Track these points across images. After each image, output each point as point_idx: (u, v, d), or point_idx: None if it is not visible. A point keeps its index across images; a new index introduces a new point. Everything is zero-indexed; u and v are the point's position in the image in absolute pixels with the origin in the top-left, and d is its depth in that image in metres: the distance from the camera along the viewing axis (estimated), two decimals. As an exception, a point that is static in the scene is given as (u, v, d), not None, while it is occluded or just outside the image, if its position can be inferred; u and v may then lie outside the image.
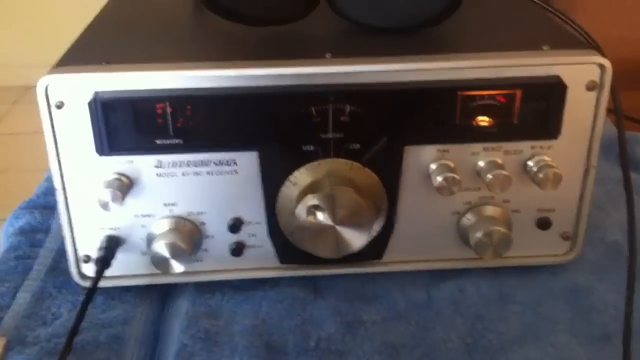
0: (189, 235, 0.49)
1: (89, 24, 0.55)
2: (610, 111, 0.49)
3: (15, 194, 0.69)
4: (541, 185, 0.48)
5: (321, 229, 0.47)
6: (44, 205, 0.63)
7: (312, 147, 0.48)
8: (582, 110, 0.48)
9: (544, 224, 0.52)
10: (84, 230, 0.50)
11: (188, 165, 0.48)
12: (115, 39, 0.52)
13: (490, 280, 0.53)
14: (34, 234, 0.59)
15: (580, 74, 0.47)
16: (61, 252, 0.55)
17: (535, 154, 0.49)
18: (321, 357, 0.47)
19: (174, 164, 0.48)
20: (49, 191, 0.63)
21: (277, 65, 0.46)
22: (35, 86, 0.45)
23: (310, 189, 0.48)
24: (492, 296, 0.52)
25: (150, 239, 0.49)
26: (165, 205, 0.49)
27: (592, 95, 0.48)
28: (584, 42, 0.49)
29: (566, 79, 0.47)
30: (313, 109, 0.46)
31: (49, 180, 0.62)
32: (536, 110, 0.48)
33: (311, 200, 0.46)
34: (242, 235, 0.51)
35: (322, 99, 0.46)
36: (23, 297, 0.52)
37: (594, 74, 0.47)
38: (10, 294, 0.52)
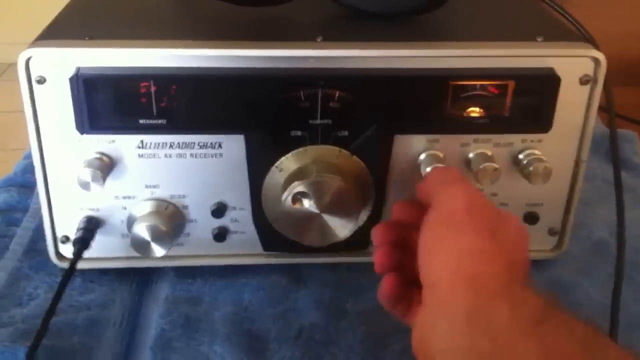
0: (171, 219, 0.48)
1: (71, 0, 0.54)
2: (601, 108, 0.48)
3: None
4: (530, 179, 0.48)
5: (307, 216, 0.46)
6: (22, 184, 0.61)
7: (299, 133, 0.47)
8: (575, 105, 0.48)
9: (531, 218, 0.52)
10: (63, 210, 0.49)
11: (171, 146, 0.47)
12: (100, 14, 0.51)
13: (475, 274, 0.53)
14: (11, 213, 0.58)
15: (574, 67, 0.46)
16: (39, 232, 0.54)
17: (526, 147, 0.48)
18: (304, 346, 0.46)
19: (157, 145, 0.47)
20: (28, 169, 0.61)
21: (266, 47, 0.44)
22: (16, 63, 0.43)
23: (296, 176, 0.47)
24: (477, 289, 0.51)
25: (130, 221, 0.48)
26: (147, 187, 0.48)
27: (586, 89, 0.47)
28: (579, 35, 0.48)
29: (560, 72, 0.46)
30: (302, 93, 0.45)
31: (29, 157, 0.61)
32: (528, 102, 0.47)
33: (297, 187, 0.45)
34: (226, 221, 0.50)
35: (311, 83, 0.45)
36: (-1, 277, 0.51)
37: (588, 68, 0.46)
38: (-15, 274, 0.51)
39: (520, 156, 0.48)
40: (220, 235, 0.51)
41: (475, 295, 0.32)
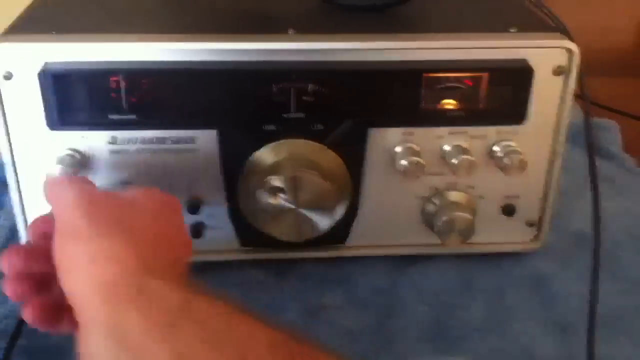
0: (145, 215, 0.48)
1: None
2: (578, 97, 0.48)
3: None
4: (506, 171, 0.48)
5: (283, 211, 0.46)
6: (-3, 181, 0.60)
7: (273, 127, 0.46)
8: (549, 95, 0.47)
9: (509, 210, 0.51)
10: (36, 208, 0.48)
11: (144, 142, 0.46)
12: (69, 8, 0.50)
13: (454, 267, 0.53)
14: (-14, 211, 0.57)
15: (548, 58, 0.46)
16: (14, 230, 0.53)
17: (501, 139, 0.48)
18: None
19: (129, 141, 0.46)
20: (1, 165, 0.60)
21: (238, 39, 0.44)
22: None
23: (271, 170, 0.46)
24: (456, 283, 0.51)
25: (104, 219, 0.48)
26: (120, 183, 0.48)
27: (559, 80, 0.47)
28: (553, 26, 0.48)
29: (533, 63, 0.46)
30: (274, 87, 0.45)
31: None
32: (502, 94, 0.47)
33: (273, 181, 0.45)
34: (202, 216, 0.50)
35: (284, 76, 0.45)
36: (-28, 277, 0.50)
37: (561, 59, 0.46)
38: (-41, 273, 0.50)
39: (496, 148, 0.48)
40: (197, 230, 0.50)
41: (109, 304, 0.30)
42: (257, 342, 0.30)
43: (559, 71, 0.46)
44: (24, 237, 0.49)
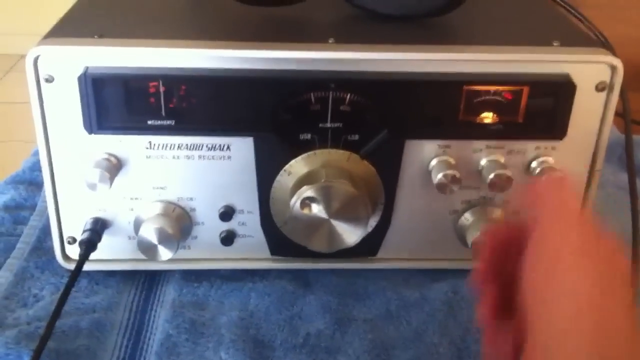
0: (178, 221, 0.48)
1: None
2: (616, 114, 0.47)
3: (5, 166, 0.67)
4: (544, 187, 0.47)
5: (315, 221, 0.46)
6: (30, 181, 0.61)
7: (309, 136, 0.46)
8: (590, 112, 0.47)
9: (544, 227, 0.50)
10: (70, 211, 0.48)
11: (180, 148, 0.46)
12: (111, 12, 0.51)
13: (486, 282, 0.52)
14: (19, 211, 0.57)
15: (591, 73, 0.45)
16: (46, 231, 0.53)
17: (539, 155, 0.48)
18: (309, 353, 0.46)
19: (165, 146, 0.46)
20: (37, 166, 0.61)
21: (277, 48, 0.44)
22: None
23: (305, 180, 0.46)
24: (488, 299, 0.51)
25: (137, 223, 0.48)
26: (154, 188, 0.48)
27: (602, 96, 0.46)
28: (596, 40, 0.47)
29: (576, 78, 0.45)
30: (312, 96, 0.45)
31: (37, 154, 0.60)
32: (543, 109, 0.46)
33: (306, 191, 0.45)
34: (233, 224, 0.50)
35: (322, 86, 0.44)
36: (4, 277, 0.50)
37: (604, 74, 0.45)
38: (-9, 273, 0.51)
39: (534, 164, 0.48)
40: (228, 238, 0.50)
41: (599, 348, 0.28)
42: None
43: (601, 87, 0.46)
44: (56, 239, 0.49)
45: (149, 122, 0.45)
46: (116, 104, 0.44)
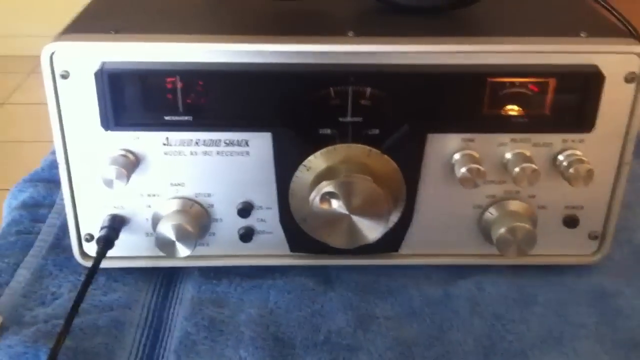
0: (196, 218, 0.47)
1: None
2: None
3: (28, 165, 0.67)
4: (571, 181, 0.46)
5: (335, 217, 0.45)
6: (49, 179, 0.61)
7: (329, 131, 0.45)
8: (619, 103, 0.45)
9: (571, 222, 0.49)
10: (87, 208, 0.48)
11: (197, 144, 0.45)
12: (127, 8, 0.50)
13: (510, 279, 0.51)
14: (37, 209, 0.57)
15: (620, 64, 0.44)
16: (64, 229, 0.53)
17: (567, 148, 0.46)
18: (331, 351, 0.45)
19: (183, 142, 0.45)
20: (55, 164, 0.60)
21: (295, 41, 0.43)
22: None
23: (325, 175, 0.45)
24: (513, 296, 0.49)
25: (155, 220, 0.47)
26: (172, 185, 0.47)
27: (631, 87, 0.45)
28: (624, 31, 0.46)
29: (604, 69, 0.44)
30: (332, 90, 0.44)
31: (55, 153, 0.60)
32: (570, 101, 0.45)
33: (326, 186, 0.44)
34: (252, 220, 0.49)
35: (341, 79, 0.43)
36: (22, 275, 0.50)
37: (634, 65, 0.44)
38: (10, 271, 0.51)
39: (561, 157, 0.46)
40: (247, 235, 0.49)
41: None
42: None
43: (630, 78, 0.44)
44: (73, 236, 0.49)
45: (166, 118, 0.44)
46: (133, 100, 0.44)
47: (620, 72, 0.44)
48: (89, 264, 0.49)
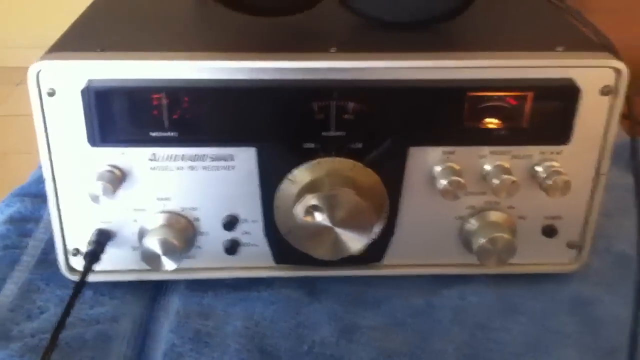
0: (182, 232, 0.48)
1: (85, 10, 0.53)
2: (624, 117, 0.47)
3: (14, 177, 0.67)
4: (549, 192, 0.47)
5: (319, 229, 0.45)
6: (36, 194, 0.61)
7: (312, 145, 0.46)
8: (595, 116, 0.46)
9: (550, 231, 0.50)
10: (73, 223, 0.48)
11: (183, 159, 0.46)
12: (112, 25, 0.51)
13: (492, 289, 0.52)
14: (24, 223, 0.57)
15: (595, 77, 0.45)
16: (51, 244, 0.53)
17: (544, 160, 0.47)
18: (315, 362, 0.45)
19: (169, 158, 0.46)
20: (42, 179, 0.61)
21: (279, 58, 0.44)
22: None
23: (309, 188, 0.46)
24: (494, 305, 0.50)
25: (141, 234, 0.48)
26: (158, 199, 0.48)
27: (606, 100, 0.46)
28: (600, 45, 0.47)
29: (580, 83, 0.45)
30: (315, 105, 0.45)
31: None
32: (547, 114, 0.46)
33: (310, 200, 0.45)
34: (237, 233, 0.49)
35: (325, 94, 0.44)
36: (9, 289, 0.51)
37: (609, 78, 0.45)
38: (-4, 286, 0.51)
39: (539, 168, 0.47)
40: (232, 248, 0.50)
41: None
42: None
43: (606, 91, 0.45)
44: (60, 251, 0.49)
45: (153, 134, 0.45)
46: (119, 117, 0.44)
47: (596, 85, 0.45)
48: (75, 278, 0.49)
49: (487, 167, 0.47)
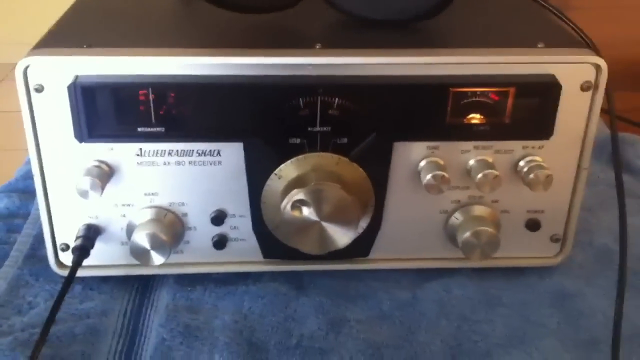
0: (170, 227, 0.48)
1: (71, 5, 0.54)
2: (604, 112, 0.48)
3: (1, 175, 0.67)
4: (532, 186, 0.47)
5: (306, 224, 0.46)
6: (24, 190, 0.61)
7: (298, 140, 0.47)
8: (576, 111, 0.47)
9: (533, 225, 0.51)
10: (62, 218, 0.49)
11: (170, 154, 0.47)
12: (99, 22, 0.51)
13: (476, 282, 0.53)
14: (12, 219, 0.58)
15: (576, 73, 0.46)
16: (39, 239, 0.54)
17: (527, 154, 0.48)
18: (303, 355, 0.46)
19: (156, 153, 0.46)
20: (30, 175, 0.61)
21: (264, 54, 0.44)
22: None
23: (296, 183, 0.46)
24: (478, 298, 0.51)
25: (130, 229, 0.48)
26: (146, 194, 0.48)
27: (587, 95, 0.47)
28: (580, 41, 0.48)
29: (561, 79, 0.46)
30: (301, 100, 0.45)
31: (30, 163, 0.60)
32: (529, 109, 0.47)
33: (297, 194, 0.45)
34: (225, 228, 0.50)
35: (310, 91, 0.45)
36: (-2, 285, 0.51)
37: (589, 74, 0.46)
38: (-15, 281, 0.51)
39: (521, 163, 0.48)
40: (220, 242, 0.50)
41: None
42: None
43: (586, 87, 0.46)
44: (49, 246, 0.49)
45: (139, 130, 0.45)
46: (106, 113, 0.45)
47: (577, 81, 0.46)
48: (65, 273, 0.49)
49: (471, 162, 0.48)
